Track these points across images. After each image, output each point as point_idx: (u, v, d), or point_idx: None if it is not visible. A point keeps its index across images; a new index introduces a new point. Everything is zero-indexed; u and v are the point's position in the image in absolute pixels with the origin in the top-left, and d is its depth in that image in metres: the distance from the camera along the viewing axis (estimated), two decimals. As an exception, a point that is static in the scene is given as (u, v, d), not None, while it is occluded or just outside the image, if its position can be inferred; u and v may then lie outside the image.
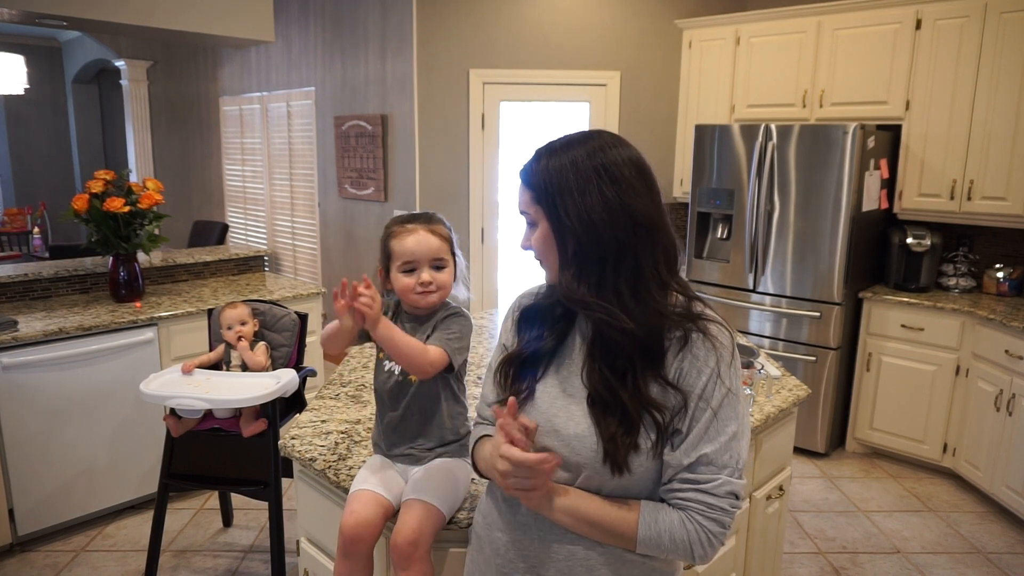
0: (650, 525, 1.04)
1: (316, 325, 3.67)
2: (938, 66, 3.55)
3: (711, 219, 4.11)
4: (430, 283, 1.48)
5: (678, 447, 1.04)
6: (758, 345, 3.72)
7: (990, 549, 3.00)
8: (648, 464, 1.05)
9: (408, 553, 1.36)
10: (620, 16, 4.49)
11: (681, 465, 1.03)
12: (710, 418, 1.03)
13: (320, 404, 2.04)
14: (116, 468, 3.06)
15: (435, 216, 1.56)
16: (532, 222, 1.12)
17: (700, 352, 1.04)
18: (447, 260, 1.52)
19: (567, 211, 1.05)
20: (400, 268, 1.49)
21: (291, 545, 2.53)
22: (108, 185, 3.17)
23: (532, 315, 1.21)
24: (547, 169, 1.08)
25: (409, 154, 4.66)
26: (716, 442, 1.03)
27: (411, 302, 1.52)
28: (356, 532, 1.41)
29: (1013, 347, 3.14)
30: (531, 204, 1.11)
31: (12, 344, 2.74)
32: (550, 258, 1.11)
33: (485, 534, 1.23)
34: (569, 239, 1.06)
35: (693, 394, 1.04)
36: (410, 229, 1.49)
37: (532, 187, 1.10)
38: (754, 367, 2.14)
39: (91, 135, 8.85)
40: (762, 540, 2.18)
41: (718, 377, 1.04)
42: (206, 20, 3.95)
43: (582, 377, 1.10)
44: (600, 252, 1.04)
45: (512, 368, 1.18)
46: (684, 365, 1.04)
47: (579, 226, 1.04)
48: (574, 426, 1.09)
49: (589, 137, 1.08)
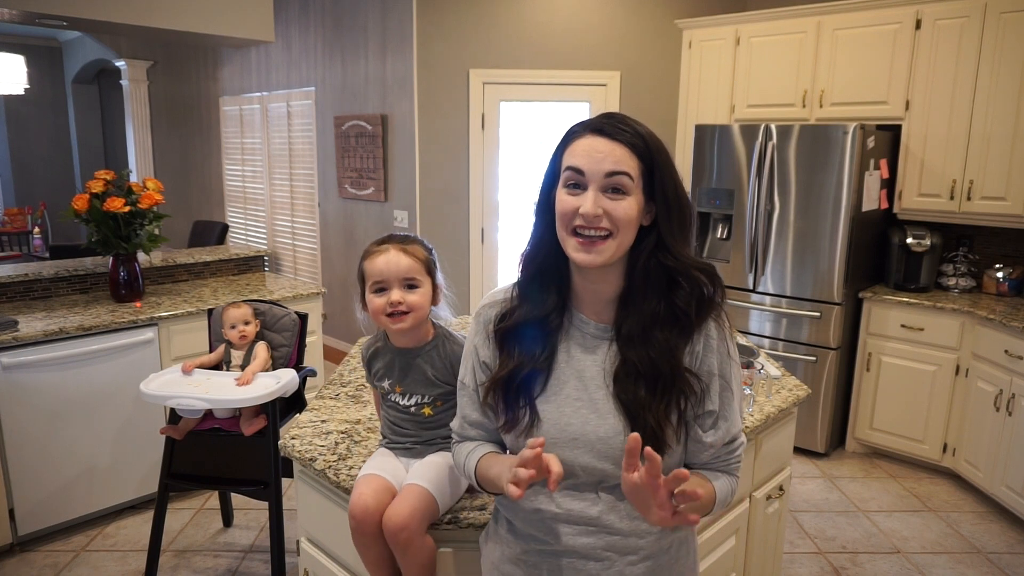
0: (722, 490, 1.15)
1: (316, 325, 3.67)
2: (938, 66, 3.55)
3: (711, 219, 4.11)
4: (399, 303, 1.43)
5: (713, 428, 1.13)
6: (758, 345, 3.72)
7: (990, 549, 3.00)
8: (676, 447, 1.11)
9: (398, 537, 1.36)
10: (620, 16, 4.49)
11: (721, 443, 1.14)
12: (729, 396, 1.13)
13: (320, 404, 2.04)
14: (116, 468, 3.06)
15: (412, 237, 1.53)
16: (623, 190, 1.05)
17: (713, 332, 1.11)
18: (420, 281, 1.47)
19: (672, 183, 1.08)
20: (371, 288, 1.46)
21: (291, 545, 2.53)
22: (108, 185, 3.17)
23: (521, 328, 1.15)
24: (645, 136, 1.07)
25: (409, 154, 4.66)
26: (735, 414, 1.15)
27: (382, 325, 1.48)
28: (365, 509, 1.40)
29: (1013, 347, 3.15)
30: (637, 173, 1.05)
31: (12, 344, 2.74)
32: (628, 233, 1.06)
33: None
34: (674, 214, 1.08)
35: (714, 374, 1.11)
36: (381, 250, 1.47)
37: (641, 157, 1.06)
38: (754, 367, 2.14)
39: (91, 135, 8.85)
40: (762, 540, 2.18)
41: (729, 355, 1.13)
42: (206, 20, 3.95)
43: (606, 370, 1.11)
44: (691, 225, 1.12)
45: (506, 391, 1.14)
46: (699, 348, 1.11)
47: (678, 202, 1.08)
48: (594, 429, 1.09)
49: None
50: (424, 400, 1.52)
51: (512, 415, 1.13)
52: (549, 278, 1.15)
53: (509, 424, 1.14)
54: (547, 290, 1.15)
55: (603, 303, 1.14)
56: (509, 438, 1.17)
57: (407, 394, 1.53)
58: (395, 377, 1.54)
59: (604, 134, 1.06)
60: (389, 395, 1.56)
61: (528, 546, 1.18)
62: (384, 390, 1.57)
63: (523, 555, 1.18)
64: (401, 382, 1.53)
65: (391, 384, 1.55)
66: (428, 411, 1.52)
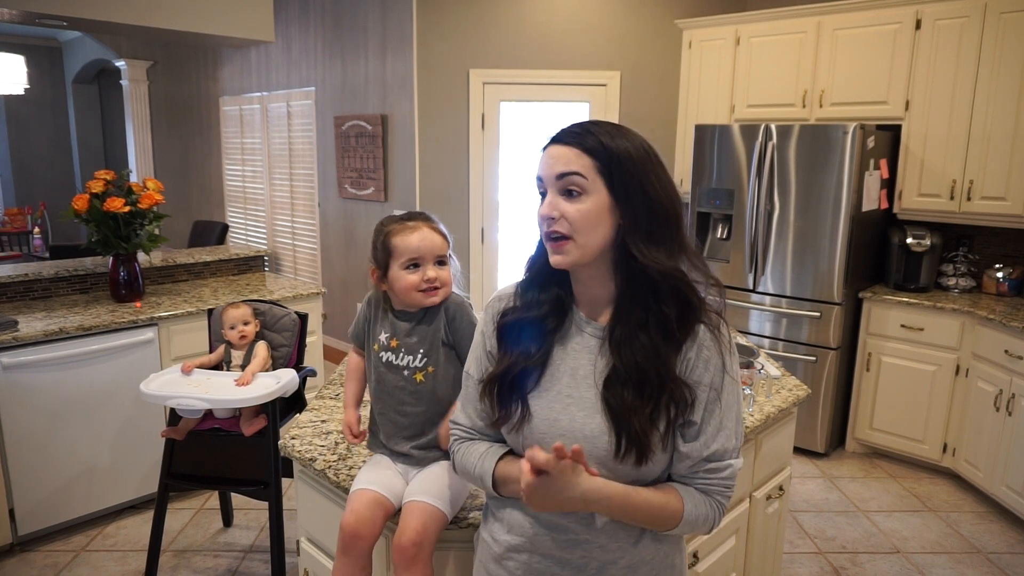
0: (691, 510, 1.10)
1: (316, 325, 3.67)
2: (938, 66, 3.55)
3: (711, 219, 4.11)
4: (435, 279, 1.47)
5: (694, 439, 1.10)
6: (758, 345, 3.72)
7: (990, 549, 3.00)
8: (660, 455, 1.09)
9: (412, 555, 1.36)
10: (620, 16, 4.49)
11: (701, 456, 1.10)
12: (720, 409, 1.10)
13: (320, 404, 2.04)
14: (116, 468, 3.06)
15: (431, 216, 1.55)
16: (577, 191, 1.06)
17: (707, 342, 1.09)
18: (448, 259, 1.52)
19: (636, 181, 1.06)
20: (403, 265, 1.47)
21: (291, 545, 2.53)
22: (108, 185, 3.17)
23: (518, 328, 1.17)
24: (613, 139, 1.07)
25: (409, 154, 4.66)
26: (726, 430, 1.10)
27: (414, 301, 1.49)
28: (356, 531, 1.41)
29: (1013, 347, 3.15)
30: (592, 171, 1.05)
31: (12, 344, 2.74)
32: (590, 234, 1.06)
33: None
34: (641, 213, 1.06)
35: (703, 384, 1.09)
36: (412, 226, 1.48)
37: (594, 154, 1.06)
38: (754, 367, 2.14)
39: (91, 135, 8.85)
40: (762, 540, 2.18)
41: (723, 369, 1.10)
42: (206, 20, 3.95)
43: (598, 370, 1.10)
44: (668, 227, 1.08)
45: (500, 386, 1.16)
46: (691, 355, 1.09)
47: (657, 201, 1.07)
48: (580, 427, 1.09)
49: (614, 123, 1.13)
50: (416, 363, 1.50)
51: (505, 410, 1.15)
52: (548, 281, 1.17)
53: (502, 419, 1.16)
54: (545, 292, 1.17)
55: (600, 304, 1.15)
56: (504, 430, 1.18)
57: (402, 353, 1.51)
58: (398, 334, 1.52)
59: (559, 141, 1.09)
60: (382, 353, 1.53)
61: (511, 545, 1.18)
62: (380, 346, 1.53)
63: (506, 554, 1.19)
64: (401, 339, 1.51)
65: (388, 338, 1.52)
66: (420, 377, 1.50)
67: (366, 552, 1.44)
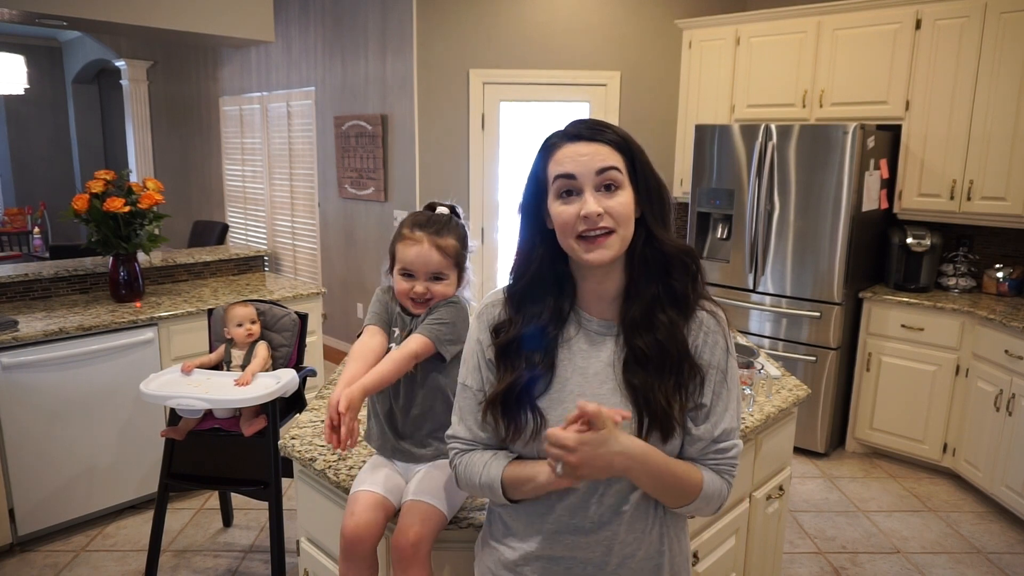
0: (708, 483, 1.13)
1: (316, 325, 3.67)
2: (938, 66, 3.55)
3: (711, 219, 4.11)
4: (423, 294, 1.49)
5: (704, 421, 1.13)
6: (758, 345, 3.72)
7: (990, 549, 3.00)
8: (679, 434, 1.12)
9: (410, 555, 1.35)
10: (620, 16, 4.49)
11: (712, 437, 1.13)
12: (726, 391, 1.14)
13: (320, 404, 2.04)
14: (116, 468, 3.06)
15: (450, 223, 1.52)
16: (614, 185, 1.08)
17: (712, 325, 1.14)
18: (448, 274, 1.50)
19: (650, 171, 1.12)
20: (399, 271, 1.51)
21: (291, 545, 2.53)
22: (108, 185, 3.17)
23: (519, 342, 1.14)
24: (619, 132, 1.11)
25: (409, 154, 4.66)
26: (730, 411, 1.15)
27: (404, 303, 1.54)
28: (357, 534, 1.40)
29: (1013, 347, 3.14)
30: (622, 164, 1.09)
31: (12, 344, 2.74)
32: (628, 225, 1.09)
33: None
34: (655, 200, 1.12)
35: (712, 367, 1.13)
36: (416, 239, 1.47)
37: (619, 148, 1.09)
38: (754, 367, 2.14)
39: (91, 135, 8.85)
40: (762, 540, 2.18)
41: (727, 350, 1.14)
42: (206, 20, 3.95)
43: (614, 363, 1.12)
44: (669, 211, 1.14)
45: (506, 402, 1.13)
46: (698, 341, 1.13)
47: (662, 187, 1.13)
48: None
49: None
50: None
51: (515, 424, 1.12)
52: (545, 287, 1.15)
53: (515, 433, 1.12)
54: (543, 300, 1.15)
55: (607, 301, 1.15)
56: (518, 446, 1.15)
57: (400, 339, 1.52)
58: (404, 328, 1.53)
59: (582, 139, 1.10)
60: (391, 346, 1.53)
61: (527, 553, 1.17)
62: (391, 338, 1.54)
63: (520, 561, 1.17)
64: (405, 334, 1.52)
65: (397, 333, 1.54)
66: (418, 371, 1.49)
67: (369, 555, 1.43)
